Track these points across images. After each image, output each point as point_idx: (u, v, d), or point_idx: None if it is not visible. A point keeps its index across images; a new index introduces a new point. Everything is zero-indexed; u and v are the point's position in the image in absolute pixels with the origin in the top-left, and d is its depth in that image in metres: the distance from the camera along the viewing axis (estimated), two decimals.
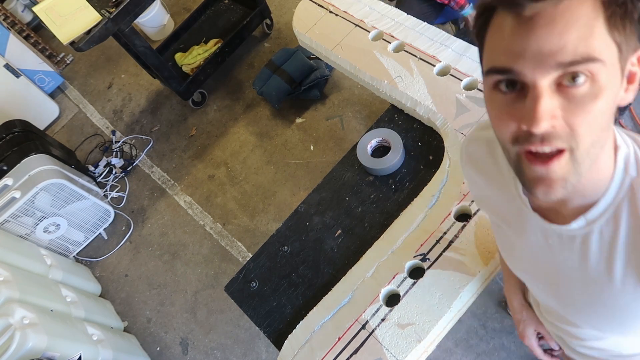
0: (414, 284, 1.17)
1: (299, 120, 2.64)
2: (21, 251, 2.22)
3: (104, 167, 2.91)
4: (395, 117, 1.52)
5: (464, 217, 1.22)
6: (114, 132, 3.08)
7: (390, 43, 1.52)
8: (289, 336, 1.25)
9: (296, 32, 1.72)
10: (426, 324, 1.11)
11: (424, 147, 1.44)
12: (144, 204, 2.76)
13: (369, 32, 1.57)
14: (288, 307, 1.35)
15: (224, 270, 2.40)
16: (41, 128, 3.05)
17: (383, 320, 1.16)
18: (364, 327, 1.17)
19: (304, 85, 2.53)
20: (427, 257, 1.19)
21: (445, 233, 1.20)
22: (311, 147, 2.54)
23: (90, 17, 2.20)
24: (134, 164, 2.91)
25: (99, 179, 2.89)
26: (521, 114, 0.48)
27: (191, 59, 2.82)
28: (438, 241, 1.20)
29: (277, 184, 2.51)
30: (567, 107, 0.46)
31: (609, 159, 0.55)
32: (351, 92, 2.60)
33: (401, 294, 1.17)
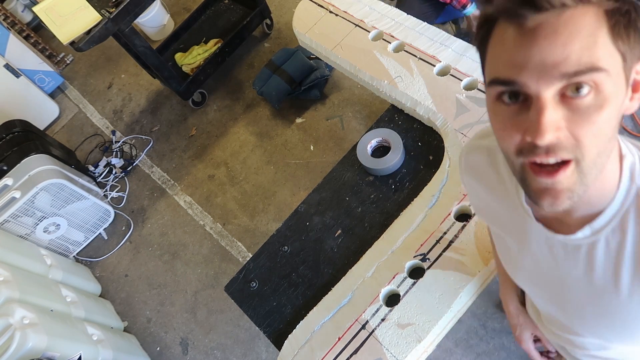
0: (414, 284, 1.17)
1: (299, 120, 2.64)
2: (21, 251, 2.22)
3: (104, 167, 2.91)
4: (395, 117, 1.52)
5: (464, 217, 1.22)
6: (114, 132, 3.08)
7: (390, 43, 1.52)
8: (289, 336, 1.25)
9: (296, 32, 1.72)
10: (426, 324, 1.11)
11: (424, 147, 1.44)
12: (144, 204, 2.76)
13: (369, 32, 1.57)
14: (288, 307, 1.35)
15: (224, 270, 2.40)
16: (41, 128, 3.05)
17: (383, 320, 1.16)
18: (364, 327, 1.17)
19: (304, 85, 2.53)
20: (427, 257, 1.19)
21: (445, 233, 1.20)
22: (311, 147, 2.54)
23: (90, 17, 2.20)
24: (134, 164, 2.91)
25: (99, 179, 2.89)
26: (525, 125, 0.47)
27: (191, 59, 2.82)
28: (438, 241, 1.20)
29: (277, 184, 2.51)
30: (572, 118, 0.45)
31: (614, 167, 0.55)
32: (351, 92, 2.60)
33: (401, 294, 1.17)
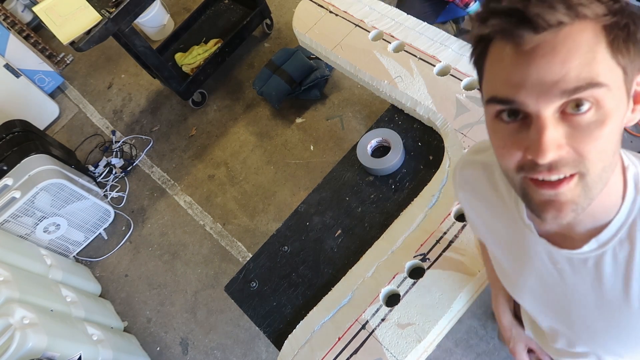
0: (414, 284, 1.17)
1: (299, 120, 2.64)
2: (21, 251, 2.22)
3: (104, 167, 2.91)
4: (395, 117, 1.52)
5: (464, 217, 1.21)
6: (114, 132, 3.08)
7: (390, 43, 1.52)
8: (289, 336, 1.25)
9: (296, 32, 1.72)
10: (426, 324, 1.11)
11: (424, 147, 1.44)
12: (144, 204, 2.76)
13: (369, 32, 1.57)
14: (288, 307, 1.35)
15: (224, 270, 2.40)
16: (41, 128, 3.05)
17: (383, 320, 1.15)
18: (364, 327, 1.17)
19: (304, 85, 2.53)
20: (427, 257, 1.19)
21: (445, 233, 1.20)
22: (311, 147, 2.54)
23: (90, 17, 2.20)
24: (134, 164, 2.91)
25: (99, 179, 2.89)
26: (526, 143, 0.46)
27: (191, 59, 2.82)
28: (438, 241, 1.20)
29: (277, 184, 2.51)
30: (573, 135, 0.45)
31: (618, 179, 0.54)
32: (351, 92, 2.60)
33: (401, 294, 1.17)
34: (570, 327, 0.69)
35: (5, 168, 2.34)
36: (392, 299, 1.19)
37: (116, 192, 2.83)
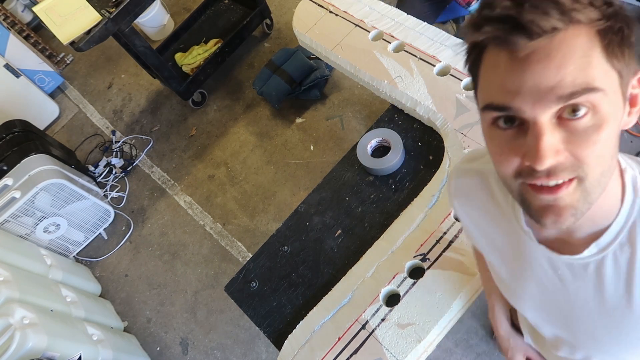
0: (414, 284, 1.17)
1: (299, 120, 2.64)
2: (21, 251, 2.22)
3: (104, 167, 2.91)
4: (395, 117, 1.52)
5: None
6: (114, 132, 3.08)
7: (390, 43, 1.52)
8: (289, 336, 1.25)
9: (296, 32, 1.72)
10: (426, 324, 1.11)
11: (424, 147, 1.44)
12: (144, 204, 2.76)
13: (369, 32, 1.57)
14: (288, 307, 1.35)
15: (224, 270, 2.40)
16: (41, 128, 3.05)
17: (383, 320, 1.15)
18: (364, 327, 1.17)
19: (304, 85, 2.53)
20: (427, 257, 1.19)
21: (445, 233, 1.20)
22: (311, 147, 2.54)
23: (90, 17, 2.20)
24: (134, 164, 2.91)
25: (99, 179, 2.89)
26: (523, 150, 0.46)
27: (191, 59, 2.82)
28: (438, 241, 1.20)
29: (277, 184, 2.51)
30: (571, 140, 0.45)
31: (616, 182, 0.54)
32: (351, 92, 2.60)
33: (401, 294, 1.17)
34: (572, 334, 0.68)
35: (5, 168, 2.34)
36: (392, 299, 1.19)
37: (116, 192, 2.83)
